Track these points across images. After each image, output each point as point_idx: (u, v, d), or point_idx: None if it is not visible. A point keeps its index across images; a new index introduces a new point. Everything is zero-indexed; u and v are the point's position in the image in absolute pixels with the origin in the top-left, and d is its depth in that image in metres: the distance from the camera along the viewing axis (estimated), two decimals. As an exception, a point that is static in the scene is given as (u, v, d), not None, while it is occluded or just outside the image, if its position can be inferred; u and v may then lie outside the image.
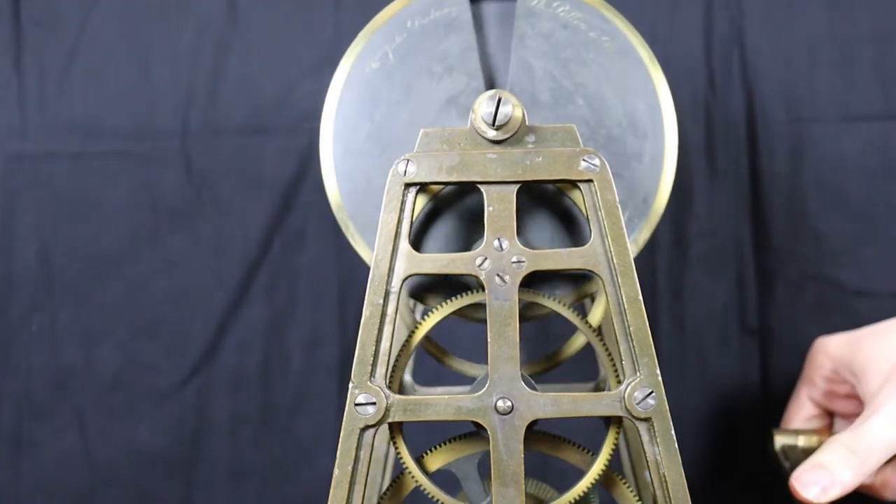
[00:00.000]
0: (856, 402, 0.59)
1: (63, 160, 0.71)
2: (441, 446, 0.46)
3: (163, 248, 0.71)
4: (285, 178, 0.71)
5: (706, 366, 0.71)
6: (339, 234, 0.50)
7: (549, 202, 0.46)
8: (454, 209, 0.46)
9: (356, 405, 0.43)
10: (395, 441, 0.44)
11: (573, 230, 0.46)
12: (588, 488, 0.44)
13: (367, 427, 0.43)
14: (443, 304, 0.45)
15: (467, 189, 0.45)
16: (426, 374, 0.61)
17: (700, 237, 0.71)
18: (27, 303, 0.72)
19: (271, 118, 0.71)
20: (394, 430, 0.44)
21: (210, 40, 0.71)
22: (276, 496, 0.72)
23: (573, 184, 0.43)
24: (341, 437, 0.43)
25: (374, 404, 0.43)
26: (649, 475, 0.44)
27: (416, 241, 0.46)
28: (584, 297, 0.47)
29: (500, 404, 0.43)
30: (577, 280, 0.46)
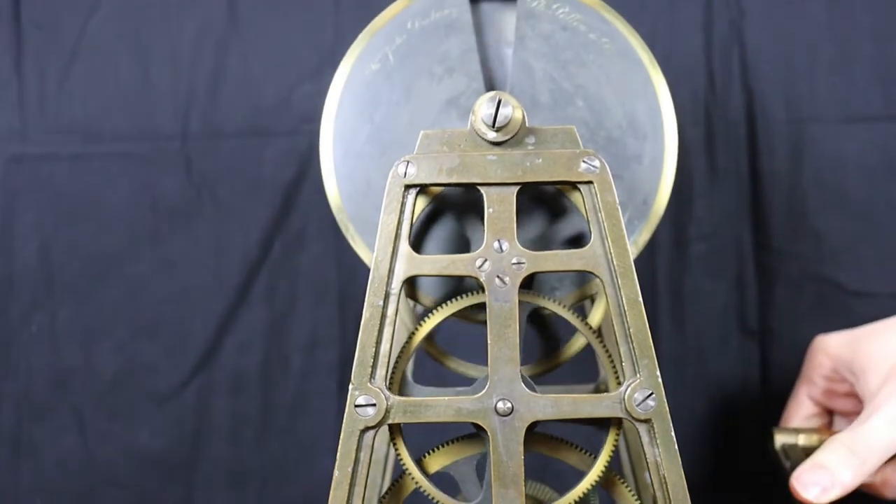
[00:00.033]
0: (855, 400, 0.59)
1: (63, 161, 0.71)
2: (441, 447, 0.46)
3: (163, 249, 0.71)
4: (285, 180, 0.71)
5: (706, 366, 0.71)
6: (339, 235, 0.50)
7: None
8: (454, 210, 0.46)
9: (356, 406, 0.43)
10: (395, 442, 0.44)
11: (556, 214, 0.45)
12: (588, 490, 0.44)
13: (367, 428, 0.43)
14: (443, 306, 0.45)
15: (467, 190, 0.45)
16: (426, 374, 0.61)
17: (700, 238, 0.71)
18: (27, 303, 0.72)
19: (271, 119, 0.71)
20: (394, 431, 0.44)
21: (210, 42, 0.71)
22: (276, 497, 0.72)
23: (573, 185, 0.43)
24: (341, 439, 0.43)
25: (374, 406, 0.43)
26: (649, 476, 0.44)
27: (416, 243, 0.45)
28: (584, 299, 0.47)
29: (501, 406, 0.43)
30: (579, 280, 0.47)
